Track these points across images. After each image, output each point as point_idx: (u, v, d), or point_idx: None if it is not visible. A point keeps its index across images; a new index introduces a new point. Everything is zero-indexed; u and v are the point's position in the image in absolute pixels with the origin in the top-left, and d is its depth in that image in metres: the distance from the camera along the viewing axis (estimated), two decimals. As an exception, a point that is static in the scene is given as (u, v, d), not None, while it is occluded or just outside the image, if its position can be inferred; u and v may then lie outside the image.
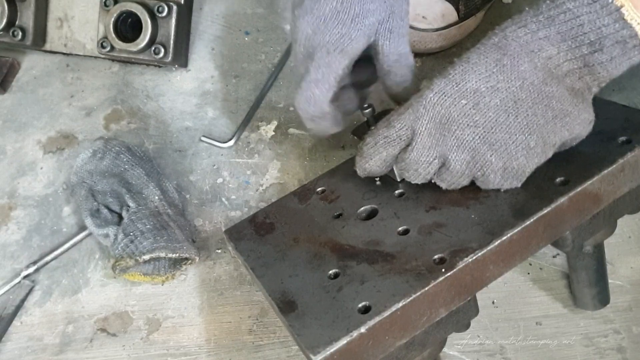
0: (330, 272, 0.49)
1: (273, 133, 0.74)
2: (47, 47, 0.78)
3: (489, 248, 0.46)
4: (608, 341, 0.61)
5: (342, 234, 0.53)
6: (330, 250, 0.52)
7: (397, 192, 0.55)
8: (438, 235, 0.49)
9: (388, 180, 0.57)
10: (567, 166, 0.50)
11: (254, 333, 0.62)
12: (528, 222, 0.46)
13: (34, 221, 0.70)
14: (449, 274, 0.45)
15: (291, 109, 0.75)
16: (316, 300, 0.47)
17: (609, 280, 0.61)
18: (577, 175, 0.48)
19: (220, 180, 0.71)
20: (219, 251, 0.66)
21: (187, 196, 0.70)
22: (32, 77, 0.80)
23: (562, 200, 0.47)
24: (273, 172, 0.71)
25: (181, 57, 0.76)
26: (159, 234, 0.61)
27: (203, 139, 0.73)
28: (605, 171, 0.48)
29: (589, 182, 0.47)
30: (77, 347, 0.62)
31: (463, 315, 0.49)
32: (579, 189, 0.47)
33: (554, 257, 0.65)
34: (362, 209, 0.55)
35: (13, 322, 0.64)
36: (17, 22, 0.75)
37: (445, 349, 0.55)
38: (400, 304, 0.44)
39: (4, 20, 0.74)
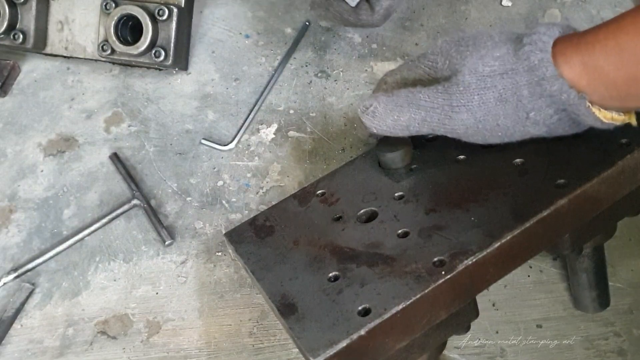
0: (330, 274, 0.49)
1: (273, 136, 0.74)
2: (48, 50, 0.78)
3: (488, 250, 0.46)
4: (609, 344, 0.60)
5: (341, 236, 0.53)
6: (330, 253, 0.52)
7: (396, 194, 0.55)
8: (438, 237, 0.49)
9: (388, 182, 0.57)
10: (566, 168, 0.50)
11: (254, 336, 0.62)
12: (528, 225, 0.46)
13: (34, 224, 0.70)
14: (448, 276, 0.45)
15: (291, 111, 0.75)
16: (316, 303, 0.47)
17: (610, 283, 0.61)
18: (577, 177, 0.48)
19: (220, 183, 0.71)
20: (219, 254, 0.66)
21: (188, 199, 0.70)
22: (33, 80, 0.80)
23: (562, 202, 0.47)
24: (273, 174, 0.71)
25: (181, 60, 0.77)
26: None
27: (203, 141, 0.73)
28: (605, 173, 0.48)
29: (589, 185, 0.47)
30: (77, 350, 0.62)
31: (463, 318, 0.49)
32: (579, 191, 0.47)
33: (554, 259, 0.65)
34: (362, 211, 0.55)
35: (13, 325, 0.64)
36: (17, 26, 0.75)
37: (445, 352, 0.55)
38: (400, 307, 0.44)
39: (5, 24, 0.74)
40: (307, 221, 0.57)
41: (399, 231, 0.51)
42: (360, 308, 0.45)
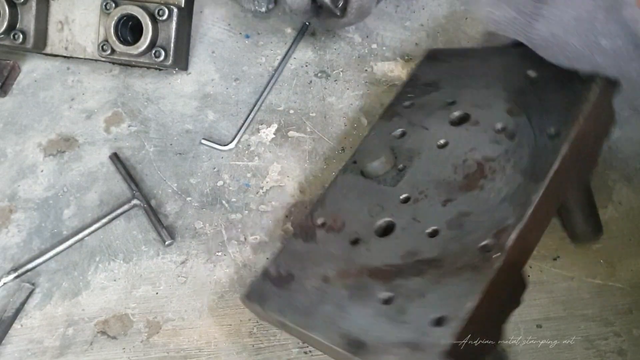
0: (381, 297, 0.46)
1: (273, 136, 0.74)
2: (48, 50, 0.78)
3: (526, 218, 0.44)
4: (608, 344, 0.60)
5: (370, 257, 0.50)
6: (370, 277, 0.48)
7: (401, 197, 0.53)
8: (469, 224, 0.46)
9: (385, 189, 0.55)
10: (548, 117, 0.49)
11: (254, 336, 0.62)
12: (547, 181, 0.45)
13: (34, 224, 0.70)
14: (503, 257, 0.43)
15: (291, 111, 0.75)
16: (383, 330, 0.44)
17: (609, 283, 0.61)
18: (563, 122, 0.47)
19: (220, 183, 0.71)
20: (219, 254, 0.66)
21: (188, 199, 0.70)
22: (33, 80, 0.80)
23: (564, 150, 0.46)
24: (273, 175, 0.71)
25: (181, 60, 0.77)
26: None
27: (203, 142, 0.73)
28: (586, 110, 0.47)
29: (578, 125, 0.47)
30: (77, 350, 0.62)
31: (516, 292, 0.47)
32: (573, 134, 0.46)
33: (554, 259, 0.65)
34: (377, 225, 0.52)
35: (13, 325, 0.64)
36: (18, 26, 0.75)
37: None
38: (474, 302, 0.41)
39: (5, 24, 0.74)
40: (323, 255, 0.53)
41: (427, 231, 0.48)
42: (432, 319, 0.42)
